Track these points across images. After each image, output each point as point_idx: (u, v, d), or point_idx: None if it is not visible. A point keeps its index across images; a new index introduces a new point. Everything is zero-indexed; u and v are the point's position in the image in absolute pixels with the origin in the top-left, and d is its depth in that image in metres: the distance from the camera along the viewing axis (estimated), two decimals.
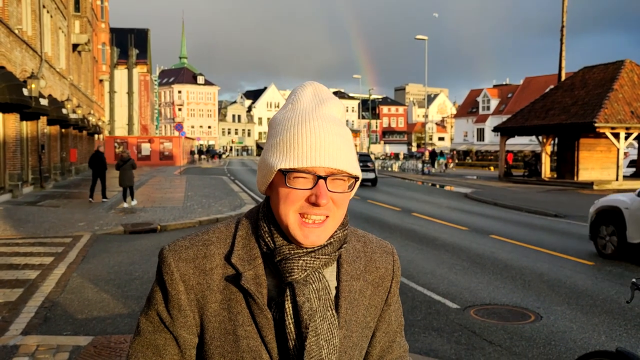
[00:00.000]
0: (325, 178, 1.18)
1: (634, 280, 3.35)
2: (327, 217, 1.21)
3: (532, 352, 5.60)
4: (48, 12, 24.79)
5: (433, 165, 46.67)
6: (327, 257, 1.25)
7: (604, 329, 6.33)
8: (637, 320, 6.61)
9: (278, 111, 1.30)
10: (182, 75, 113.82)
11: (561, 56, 35.04)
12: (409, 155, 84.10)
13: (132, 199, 17.69)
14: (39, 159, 22.32)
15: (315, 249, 1.23)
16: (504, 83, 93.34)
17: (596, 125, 27.60)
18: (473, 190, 26.83)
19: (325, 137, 1.18)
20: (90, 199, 18.60)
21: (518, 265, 9.56)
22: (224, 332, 1.24)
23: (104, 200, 18.58)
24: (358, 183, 1.26)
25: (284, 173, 1.18)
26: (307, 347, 1.20)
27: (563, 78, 34.72)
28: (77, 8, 34.24)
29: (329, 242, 1.25)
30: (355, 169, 1.22)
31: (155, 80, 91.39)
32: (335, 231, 1.26)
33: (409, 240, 11.93)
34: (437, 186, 31.77)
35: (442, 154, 53.60)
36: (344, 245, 1.30)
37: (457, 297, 7.48)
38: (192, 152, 61.80)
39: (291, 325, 1.21)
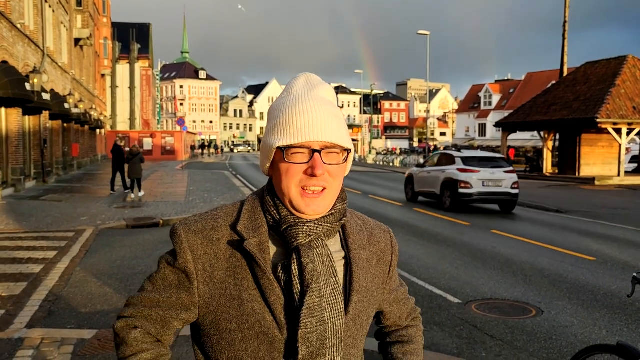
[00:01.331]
0: (319, 151, 1.29)
1: (634, 274, 3.37)
2: (324, 188, 1.32)
3: (534, 346, 5.63)
4: (50, 6, 24.78)
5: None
6: (329, 225, 1.35)
7: (605, 323, 6.35)
8: (638, 315, 6.63)
9: (275, 100, 1.42)
10: (183, 70, 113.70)
11: (563, 51, 34.97)
12: (411, 151, 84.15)
13: (140, 191, 18.46)
14: (41, 153, 22.36)
15: (318, 218, 1.34)
16: (506, 78, 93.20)
17: (598, 120, 27.58)
18: None
19: (317, 114, 1.30)
20: (112, 192, 19.32)
21: (519, 260, 9.58)
22: (229, 297, 1.32)
23: (125, 191, 19.20)
24: (351, 155, 1.38)
25: (283, 150, 1.30)
26: (306, 304, 1.28)
27: (565, 73, 34.68)
28: (79, 2, 34.24)
29: (330, 212, 1.36)
30: (347, 142, 1.33)
31: (157, 75, 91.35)
32: (335, 204, 1.38)
33: (410, 235, 11.96)
34: None
35: (436, 148, 53.72)
36: (345, 218, 1.41)
37: (458, 292, 7.51)
38: (192, 147, 61.08)
39: (297, 285, 1.30)
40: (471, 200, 16.25)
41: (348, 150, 1.34)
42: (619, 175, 29.37)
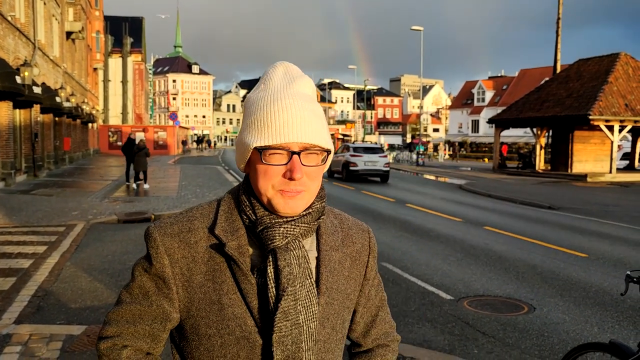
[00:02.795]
0: (299, 153, 1.23)
1: (628, 272, 3.36)
2: (302, 191, 1.26)
3: (525, 343, 5.62)
4: None
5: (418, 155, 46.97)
6: (306, 225, 1.30)
7: (596, 320, 6.36)
8: (629, 312, 6.64)
9: (251, 91, 1.35)
10: (176, 64, 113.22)
11: (557, 48, 35.04)
12: (404, 147, 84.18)
13: (145, 182, 19.68)
14: (32, 147, 22.20)
15: (295, 217, 1.29)
16: (499, 75, 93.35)
17: (590, 117, 27.67)
18: (467, 181, 26.88)
19: (297, 113, 1.23)
20: (128, 183, 20.20)
21: (512, 257, 9.59)
22: (209, 302, 1.28)
23: (139, 183, 19.82)
24: (331, 156, 1.31)
25: (260, 151, 1.24)
26: (280, 308, 1.24)
27: (558, 70, 34.74)
28: None
29: (307, 212, 1.31)
30: (327, 142, 1.27)
31: (149, 69, 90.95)
32: (314, 202, 1.32)
33: (403, 232, 11.95)
34: (432, 177, 31.81)
35: (422, 143, 54.22)
36: (322, 218, 1.36)
37: (451, 288, 7.50)
38: (183, 142, 60.55)
39: (273, 289, 1.26)
40: (358, 175, 25.27)
41: (328, 151, 1.28)
42: (610, 172, 29.50)
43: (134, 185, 19.33)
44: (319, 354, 1.34)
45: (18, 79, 17.61)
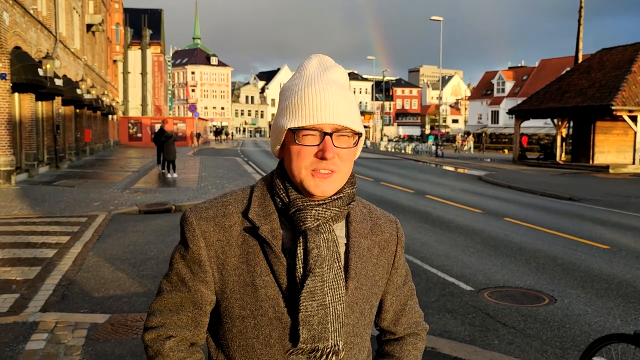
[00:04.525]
0: (330, 134, 1.28)
1: None
2: (333, 171, 1.30)
3: (547, 334, 5.60)
4: None
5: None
6: (337, 209, 1.34)
7: (619, 312, 6.30)
8: None
9: (287, 81, 1.40)
10: (195, 56, 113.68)
11: (578, 37, 34.55)
12: (416, 138, 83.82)
13: (174, 172, 20.19)
14: (54, 139, 22.48)
15: (327, 200, 1.33)
16: (519, 65, 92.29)
17: (613, 108, 27.25)
18: (487, 173, 26.69)
19: (329, 97, 1.28)
20: (163, 171, 21.00)
21: (532, 248, 9.52)
22: (243, 284, 1.32)
23: (164, 172, 20.83)
24: (362, 139, 1.35)
25: (294, 132, 1.29)
26: (306, 288, 1.27)
27: (580, 60, 34.26)
28: None
29: (339, 196, 1.34)
30: (358, 125, 1.31)
31: (168, 61, 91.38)
32: (344, 187, 1.36)
33: (422, 223, 11.92)
34: (451, 169, 31.63)
35: (430, 134, 54.30)
36: (352, 204, 1.40)
37: (471, 280, 7.48)
38: (198, 135, 57.55)
39: (300, 269, 1.29)
40: None
41: (359, 134, 1.32)
42: (633, 163, 29.06)
43: (168, 175, 20.07)
44: (348, 338, 1.36)
45: (40, 72, 17.82)
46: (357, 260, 1.39)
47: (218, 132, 79.08)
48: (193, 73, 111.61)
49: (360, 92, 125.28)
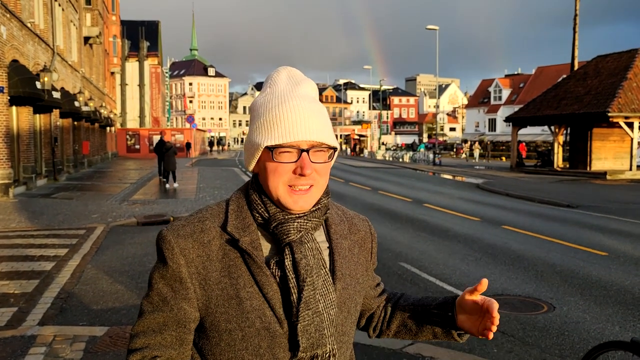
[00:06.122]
0: (307, 150, 1.30)
1: None
2: (311, 185, 1.33)
3: (545, 342, 5.60)
4: (59, 5, 24.88)
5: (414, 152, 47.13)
6: (317, 220, 1.38)
7: (618, 319, 6.30)
8: None
9: (257, 96, 1.41)
10: (192, 67, 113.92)
11: (574, 45, 34.71)
12: (407, 147, 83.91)
13: (174, 182, 20.92)
14: (52, 151, 22.49)
15: (306, 213, 1.36)
16: (516, 73, 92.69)
17: (609, 114, 27.33)
18: (485, 180, 26.73)
19: (304, 113, 1.30)
20: (164, 180, 21.83)
21: (530, 256, 9.53)
22: (227, 297, 1.32)
23: (165, 180, 21.76)
24: (337, 153, 1.39)
25: (271, 149, 1.30)
26: (304, 299, 1.30)
27: (576, 67, 34.38)
28: (88, 1, 34.32)
29: (317, 207, 1.38)
30: (333, 140, 1.35)
31: (166, 73, 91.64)
32: (321, 198, 1.39)
33: (420, 231, 11.92)
34: (449, 177, 31.66)
35: (421, 142, 54.52)
36: (328, 211, 1.44)
37: None
38: (187, 145, 54.61)
39: (293, 280, 1.31)
40: None
41: (334, 149, 1.35)
42: (630, 169, 29.11)
43: (168, 185, 20.82)
44: (337, 337, 1.40)
45: (38, 85, 17.87)
46: (342, 261, 1.43)
47: (211, 143, 78.61)
48: (190, 84, 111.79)
49: (358, 102, 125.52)
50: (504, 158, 57.09)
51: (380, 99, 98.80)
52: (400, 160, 53.30)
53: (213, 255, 1.33)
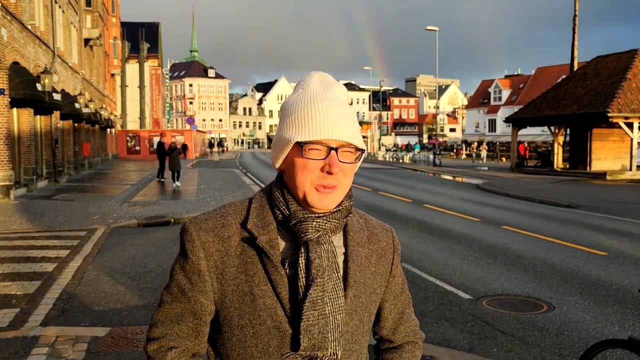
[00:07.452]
0: (336, 149, 1.32)
1: None
2: (335, 186, 1.34)
3: (545, 341, 5.63)
4: (60, 7, 24.93)
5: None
6: (336, 221, 1.39)
7: (617, 318, 6.33)
8: None
9: (289, 96, 1.44)
10: (192, 68, 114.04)
11: (573, 45, 34.73)
12: (420, 147, 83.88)
13: (178, 181, 21.71)
14: (52, 153, 22.52)
15: (327, 213, 1.37)
16: (516, 73, 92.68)
17: (609, 115, 27.36)
18: (485, 181, 26.75)
19: (335, 114, 1.34)
20: (162, 180, 23.44)
21: (530, 256, 9.56)
22: (241, 293, 1.35)
23: (162, 181, 23.13)
24: (363, 155, 1.40)
25: (301, 145, 1.32)
26: (309, 297, 1.31)
27: (575, 68, 34.40)
28: (88, 3, 34.39)
29: (338, 209, 1.39)
30: (361, 142, 1.37)
31: (166, 74, 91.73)
32: (343, 200, 1.40)
33: (421, 232, 11.95)
34: (449, 177, 31.68)
35: (416, 144, 54.60)
36: (349, 215, 1.44)
37: (469, 288, 7.51)
38: (184, 146, 52.23)
39: (302, 279, 1.33)
40: None
41: (362, 150, 1.37)
42: (630, 169, 29.14)
43: (173, 184, 21.50)
44: (347, 345, 1.40)
45: (38, 86, 17.90)
46: (356, 269, 1.42)
47: (211, 144, 79.14)
48: (191, 85, 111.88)
49: (358, 103, 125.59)
50: (504, 159, 57.09)
51: (380, 99, 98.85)
52: (401, 161, 53.33)
53: (232, 250, 1.36)
